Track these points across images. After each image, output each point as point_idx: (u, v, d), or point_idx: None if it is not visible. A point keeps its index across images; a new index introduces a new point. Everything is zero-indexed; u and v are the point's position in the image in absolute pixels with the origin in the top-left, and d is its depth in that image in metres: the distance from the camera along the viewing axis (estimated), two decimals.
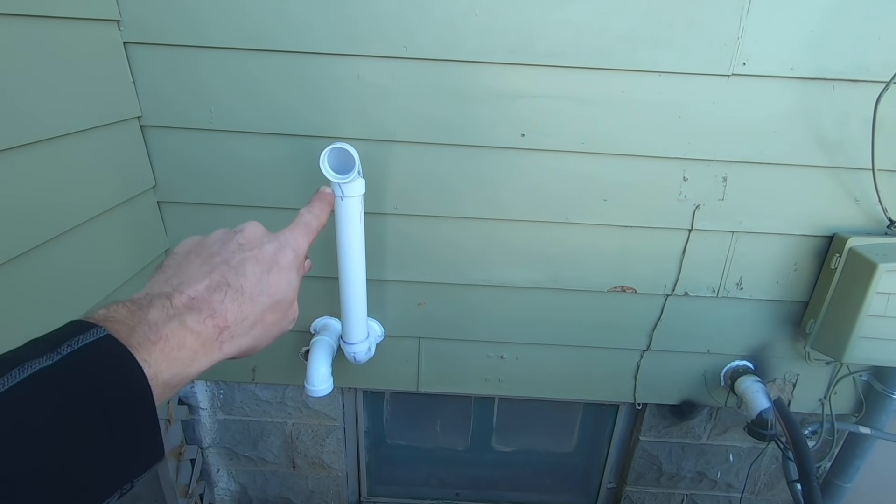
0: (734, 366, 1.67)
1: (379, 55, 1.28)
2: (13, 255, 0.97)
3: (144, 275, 1.41)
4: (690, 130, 1.36)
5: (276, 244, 0.52)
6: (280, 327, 0.51)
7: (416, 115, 1.35)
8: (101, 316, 0.38)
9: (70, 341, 0.34)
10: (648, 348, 1.66)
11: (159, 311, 0.40)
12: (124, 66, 1.27)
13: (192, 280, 0.44)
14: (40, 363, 0.32)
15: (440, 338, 1.67)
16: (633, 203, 1.45)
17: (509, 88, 1.33)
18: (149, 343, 0.38)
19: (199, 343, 0.41)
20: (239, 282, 0.46)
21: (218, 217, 1.47)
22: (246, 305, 0.46)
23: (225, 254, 0.48)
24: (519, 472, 2.20)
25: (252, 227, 0.53)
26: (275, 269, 0.50)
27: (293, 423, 1.91)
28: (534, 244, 1.52)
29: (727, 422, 1.89)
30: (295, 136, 1.38)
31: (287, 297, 0.51)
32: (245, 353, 0.47)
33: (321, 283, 1.56)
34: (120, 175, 1.29)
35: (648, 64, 1.30)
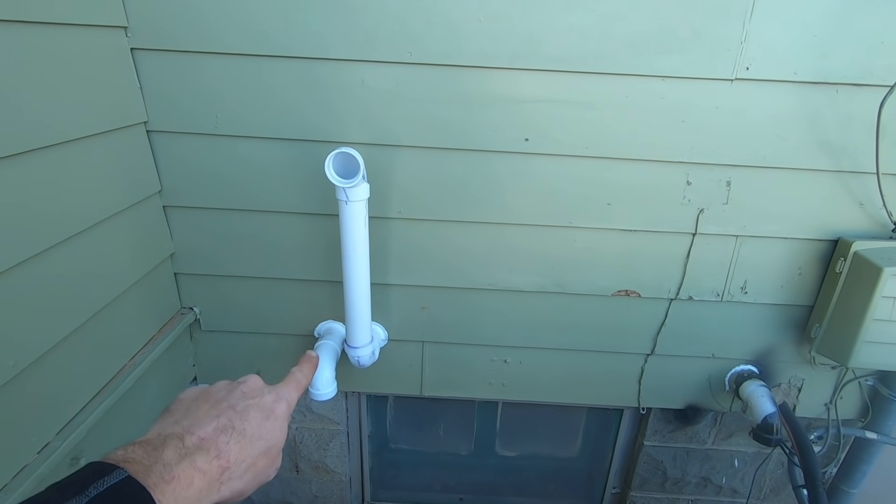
0: (739, 370, 1.67)
1: (384, 60, 1.29)
2: (21, 258, 0.98)
3: (150, 279, 1.42)
4: (694, 134, 1.36)
5: (274, 395, 0.57)
6: (266, 475, 0.54)
7: (420, 120, 1.36)
8: (119, 457, 0.41)
9: (96, 483, 0.37)
10: (653, 352, 1.66)
11: (172, 450, 0.44)
12: (131, 71, 1.29)
13: (202, 422, 0.49)
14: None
15: (444, 342, 1.67)
16: (636, 207, 1.45)
17: (513, 93, 1.33)
18: (163, 483, 0.41)
19: (204, 483, 0.45)
20: (242, 425, 0.51)
21: (222, 221, 1.48)
22: (245, 448, 0.50)
23: (231, 400, 0.53)
24: (523, 477, 2.19)
25: (253, 379, 0.59)
26: (272, 417, 0.55)
27: (297, 427, 1.91)
28: (538, 248, 1.52)
29: (732, 427, 1.88)
30: (300, 141, 1.38)
31: (279, 443, 0.56)
32: (235, 496, 0.50)
33: (326, 287, 1.57)
34: (126, 180, 1.30)
35: (651, 69, 1.30)
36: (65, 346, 1.12)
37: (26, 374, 1.02)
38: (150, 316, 1.45)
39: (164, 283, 1.51)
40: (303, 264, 1.54)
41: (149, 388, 1.44)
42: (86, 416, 1.18)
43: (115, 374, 1.31)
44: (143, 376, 1.37)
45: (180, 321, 1.56)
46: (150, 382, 1.44)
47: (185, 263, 1.54)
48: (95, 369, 1.24)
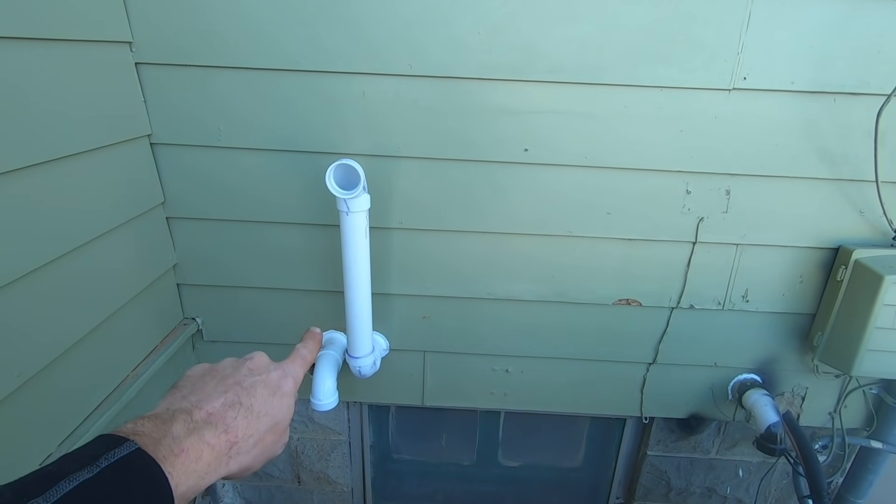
0: (742, 379, 1.66)
1: (384, 73, 1.31)
2: (25, 271, 0.99)
3: (153, 290, 1.43)
4: (693, 144, 1.37)
5: (280, 371, 0.58)
6: (273, 450, 0.55)
7: (420, 131, 1.37)
8: (129, 430, 0.42)
9: (107, 454, 0.38)
10: (655, 361, 1.65)
11: (181, 424, 0.45)
12: (136, 85, 1.31)
13: (210, 397, 0.49)
14: (82, 475, 0.36)
15: (445, 351, 1.67)
16: (636, 216, 1.46)
17: (512, 104, 1.34)
18: (172, 456, 0.42)
19: (213, 456, 0.45)
20: (250, 401, 0.52)
21: (225, 232, 1.49)
22: (253, 423, 0.51)
23: (237, 376, 0.54)
24: (525, 488, 2.17)
25: (259, 356, 0.59)
26: (278, 393, 0.55)
27: (298, 437, 1.90)
28: (538, 257, 1.52)
29: (736, 436, 1.86)
30: (301, 153, 1.40)
31: (286, 419, 0.56)
32: (244, 471, 0.51)
33: (327, 297, 1.57)
34: (130, 192, 1.31)
35: (649, 79, 1.31)
36: (68, 357, 1.13)
37: (30, 384, 1.02)
38: (153, 327, 1.46)
39: (166, 293, 1.52)
40: (304, 274, 1.55)
41: (151, 399, 1.44)
42: (88, 428, 1.18)
43: (118, 385, 1.32)
44: (146, 387, 1.38)
45: (182, 332, 1.56)
46: (152, 393, 1.44)
47: (187, 274, 1.55)
48: (98, 380, 1.25)
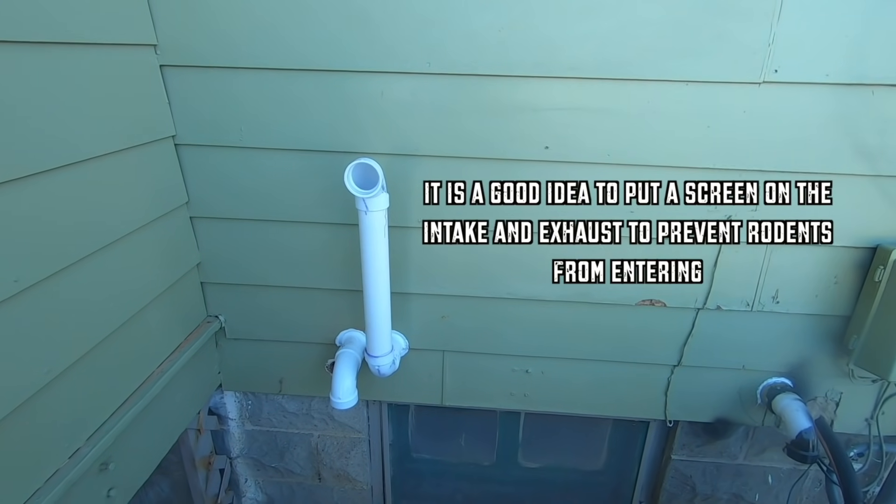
0: (771, 383, 1.60)
1: (402, 71, 1.30)
2: (54, 270, 1.02)
3: (177, 288, 1.46)
4: (720, 140, 1.33)
5: None
6: None
7: (439, 130, 1.36)
8: None
9: None
10: (679, 364, 1.61)
11: None
12: (160, 87, 1.33)
13: None
14: None
15: (464, 351, 1.66)
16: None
17: (532, 102, 1.32)
18: None
19: None
20: None
21: (247, 231, 1.51)
22: None
23: None
24: (546, 490, 2.15)
25: None
26: None
27: (319, 434, 1.92)
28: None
29: (765, 442, 1.80)
30: (321, 153, 1.40)
31: None
32: None
33: (346, 296, 1.58)
34: (155, 192, 1.34)
35: (674, 74, 1.27)
36: (95, 354, 1.16)
37: (58, 381, 1.05)
38: (177, 324, 1.49)
39: (190, 292, 1.55)
40: (324, 273, 1.56)
41: (176, 395, 1.48)
42: (115, 423, 1.21)
43: (143, 381, 1.35)
44: (171, 383, 1.41)
45: (206, 329, 1.59)
46: (176, 389, 1.47)
47: (210, 273, 1.58)
48: (124, 377, 1.28)
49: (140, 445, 1.34)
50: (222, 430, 1.90)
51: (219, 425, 1.88)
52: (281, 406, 1.86)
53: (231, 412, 1.88)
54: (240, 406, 1.88)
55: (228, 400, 1.86)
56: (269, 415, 1.89)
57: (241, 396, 1.86)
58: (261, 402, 1.87)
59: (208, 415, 1.81)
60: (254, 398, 1.86)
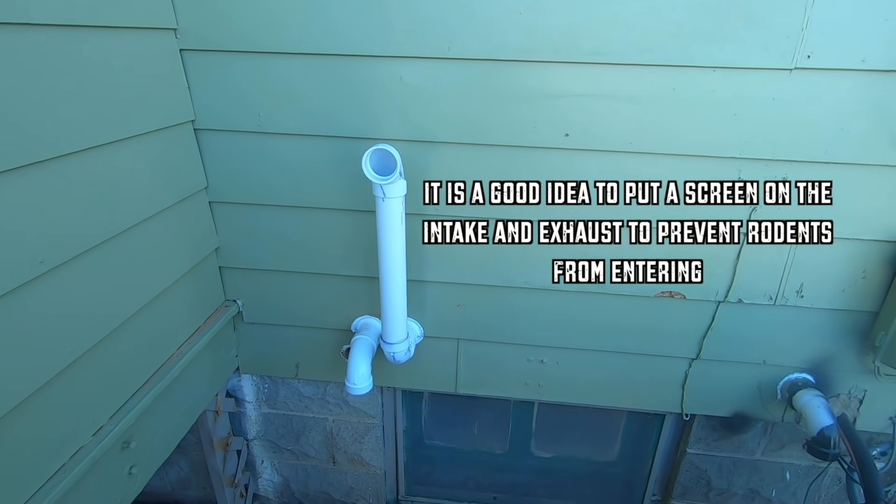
0: (793, 378, 1.57)
1: (422, 56, 1.29)
2: (78, 252, 1.04)
3: (196, 272, 1.48)
4: (747, 128, 1.29)
5: None
6: None
7: (457, 116, 1.35)
8: None
9: None
10: (698, 357, 1.59)
11: None
12: (180, 72, 1.33)
13: None
14: None
15: (479, 340, 1.65)
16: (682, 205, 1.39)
17: (553, 88, 1.30)
18: None
19: None
20: None
21: (264, 217, 1.52)
22: None
23: None
24: (558, 479, 2.15)
25: None
26: None
27: (334, 419, 1.94)
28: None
29: (784, 437, 1.77)
30: (339, 138, 1.40)
31: None
32: None
33: (362, 282, 1.58)
34: (175, 176, 1.35)
35: (702, 59, 1.23)
36: (118, 334, 1.18)
37: (82, 361, 1.08)
38: (197, 308, 1.51)
39: (209, 276, 1.57)
40: (341, 260, 1.56)
41: (194, 377, 1.50)
42: (136, 402, 1.24)
43: (164, 362, 1.37)
44: (190, 365, 1.43)
45: (224, 313, 1.61)
46: (196, 371, 1.50)
47: (229, 257, 1.59)
48: (146, 357, 1.30)
49: (160, 425, 1.36)
50: (239, 412, 1.94)
51: (236, 407, 1.92)
52: (297, 390, 1.89)
53: (248, 395, 1.91)
54: (256, 389, 1.91)
55: (245, 383, 1.89)
56: (285, 398, 1.91)
57: (257, 380, 1.89)
58: (277, 386, 1.89)
59: (226, 397, 1.84)
60: (270, 382, 1.89)
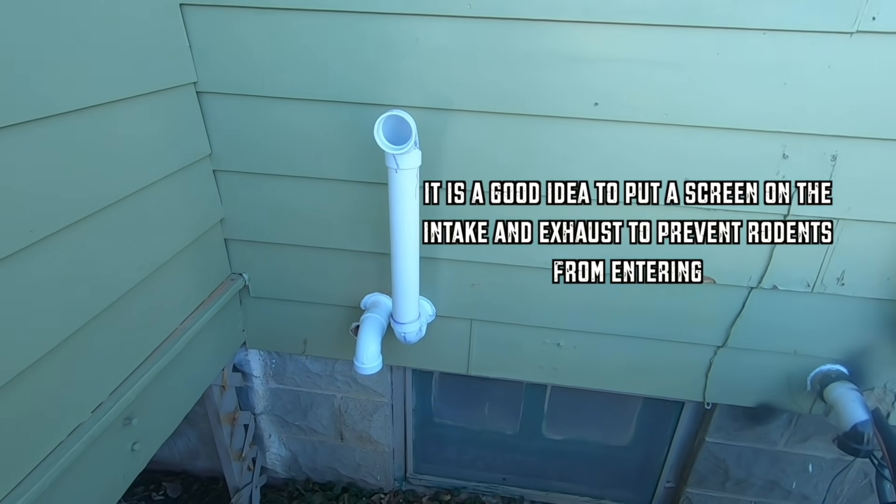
0: (825, 370, 1.49)
1: (440, 14, 1.18)
2: (76, 219, 0.97)
3: (200, 243, 1.41)
4: (797, 99, 1.17)
5: None
6: None
7: (477, 82, 1.24)
8: None
9: None
10: (724, 344, 1.50)
11: None
12: (181, 29, 1.24)
13: None
14: None
15: (493, 321, 1.58)
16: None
17: (583, 51, 1.19)
18: None
19: None
20: None
21: (271, 187, 1.44)
22: None
23: None
24: (569, 462, 2.11)
25: None
26: None
27: (342, 396, 1.91)
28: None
29: (809, 429, 1.70)
30: (349, 104, 1.31)
31: None
32: None
33: (373, 258, 1.51)
34: (177, 141, 1.27)
35: (750, 21, 1.11)
36: (116, 308, 1.12)
37: (78, 336, 1.02)
38: (201, 281, 1.46)
39: (214, 248, 1.51)
40: (350, 234, 1.49)
41: (199, 351, 1.46)
42: (138, 378, 1.20)
43: (167, 336, 1.32)
44: (194, 340, 1.38)
45: (230, 287, 1.56)
46: (200, 345, 1.45)
47: (234, 229, 1.53)
48: (147, 332, 1.25)
49: (164, 401, 1.33)
50: (247, 386, 1.91)
51: (243, 382, 1.89)
52: (304, 366, 1.85)
53: (255, 370, 1.88)
54: (264, 364, 1.87)
55: (253, 358, 1.85)
56: (293, 374, 1.88)
57: (265, 355, 1.85)
58: (284, 362, 1.85)
59: (233, 371, 1.81)
60: (278, 357, 1.85)
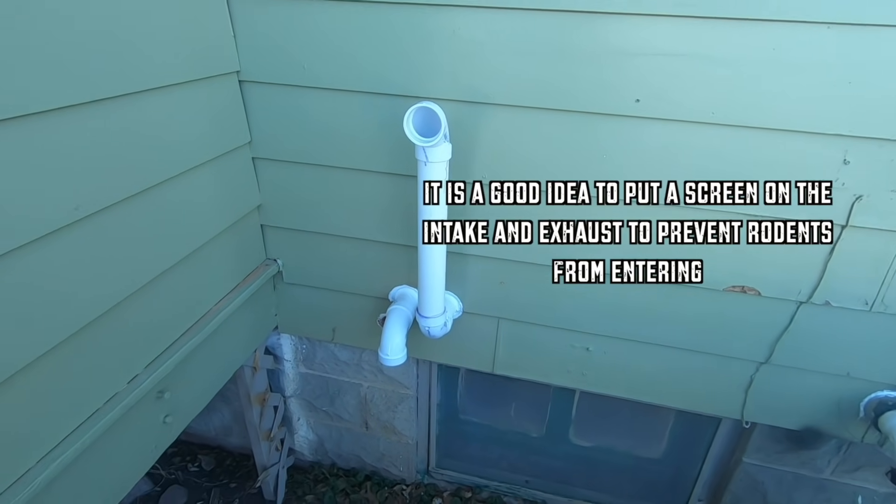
0: (881, 396, 1.37)
1: (478, 5, 1.15)
2: (117, 199, 1.03)
3: (238, 228, 1.46)
4: (863, 100, 1.07)
5: None
6: None
7: (514, 75, 1.21)
8: None
9: None
10: (767, 361, 1.41)
11: None
12: (226, 19, 1.28)
13: None
14: None
15: (521, 321, 1.55)
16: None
17: (625, 44, 1.13)
18: None
19: None
20: None
21: (307, 176, 1.47)
22: None
23: None
24: (596, 470, 2.05)
25: None
26: None
27: (368, 385, 1.93)
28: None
29: (860, 459, 1.57)
30: (384, 95, 1.31)
31: None
32: None
33: (402, 251, 1.52)
34: (218, 129, 1.32)
35: (812, 13, 1.03)
36: (155, 286, 1.18)
37: (120, 308, 1.08)
38: (236, 264, 1.50)
39: (250, 233, 1.56)
40: (381, 225, 1.50)
41: (233, 332, 1.51)
42: (173, 353, 1.25)
43: (203, 315, 1.38)
44: (228, 320, 1.43)
45: (264, 271, 1.60)
46: (234, 327, 1.51)
47: (270, 216, 1.57)
48: (183, 310, 1.31)
49: (196, 377, 1.38)
50: (278, 369, 1.96)
51: (274, 364, 1.94)
52: (333, 353, 1.88)
53: (286, 354, 1.93)
54: (295, 349, 1.92)
55: (284, 342, 1.91)
56: (322, 360, 1.91)
57: (296, 340, 1.90)
58: (314, 348, 1.89)
59: (265, 354, 1.86)
60: (308, 343, 1.89)
